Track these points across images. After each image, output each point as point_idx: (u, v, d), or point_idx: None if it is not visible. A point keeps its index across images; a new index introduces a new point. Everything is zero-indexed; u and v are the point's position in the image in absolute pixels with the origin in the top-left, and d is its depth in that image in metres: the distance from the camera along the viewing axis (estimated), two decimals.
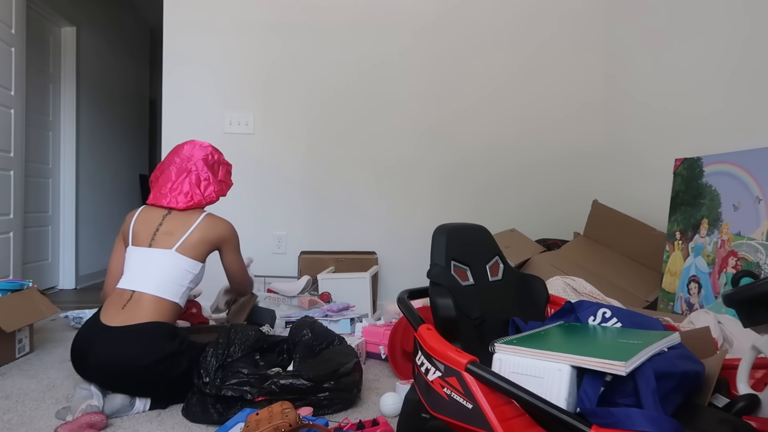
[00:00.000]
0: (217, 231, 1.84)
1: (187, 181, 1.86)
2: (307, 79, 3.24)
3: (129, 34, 5.28)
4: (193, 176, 1.87)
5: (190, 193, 1.85)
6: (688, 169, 2.30)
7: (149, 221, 1.80)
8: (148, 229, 1.79)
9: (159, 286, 1.69)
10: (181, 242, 1.76)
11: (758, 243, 1.90)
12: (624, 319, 1.24)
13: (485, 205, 3.31)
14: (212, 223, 1.84)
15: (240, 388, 1.54)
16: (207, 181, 1.89)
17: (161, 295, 1.69)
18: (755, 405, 1.02)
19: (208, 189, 1.89)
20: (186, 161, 1.89)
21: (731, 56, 2.29)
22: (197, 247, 1.78)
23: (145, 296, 1.67)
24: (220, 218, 1.88)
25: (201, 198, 1.86)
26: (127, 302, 1.67)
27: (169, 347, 1.61)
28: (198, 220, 1.82)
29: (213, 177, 1.91)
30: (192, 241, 1.77)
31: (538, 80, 3.31)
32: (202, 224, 1.81)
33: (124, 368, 1.56)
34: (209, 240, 1.82)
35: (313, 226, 3.26)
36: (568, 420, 0.84)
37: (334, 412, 1.62)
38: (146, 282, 1.69)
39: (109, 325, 1.62)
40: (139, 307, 1.65)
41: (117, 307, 1.66)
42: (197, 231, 1.79)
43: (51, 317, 2.52)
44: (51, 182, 4.13)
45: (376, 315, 2.84)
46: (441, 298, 1.17)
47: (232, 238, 1.90)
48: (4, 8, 3.07)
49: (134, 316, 1.63)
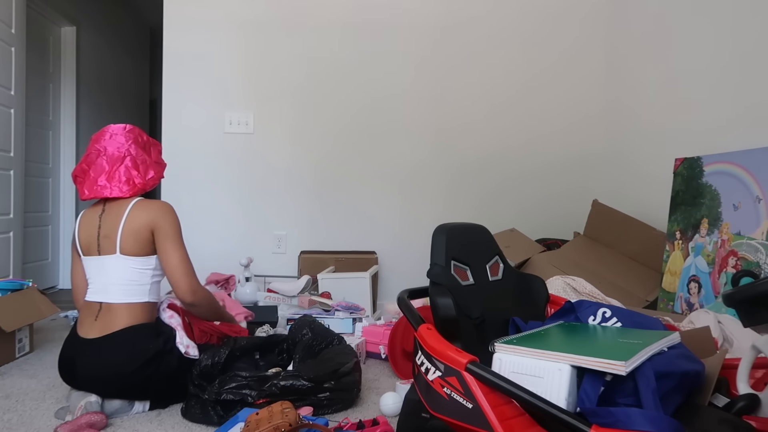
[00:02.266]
0: (145, 215, 1.64)
1: (124, 168, 1.68)
2: (307, 79, 3.23)
3: (129, 34, 5.28)
4: (129, 161, 1.69)
5: (130, 180, 1.68)
6: (688, 169, 2.30)
7: (89, 226, 1.67)
8: (91, 236, 1.66)
9: (122, 292, 1.62)
10: (119, 243, 1.62)
11: (758, 243, 1.90)
12: (624, 319, 1.24)
13: (486, 207, 3.31)
14: (140, 208, 1.66)
15: (240, 392, 1.54)
16: (145, 164, 1.72)
17: (128, 300, 1.62)
18: (755, 405, 1.03)
19: (149, 172, 1.73)
20: (116, 148, 1.70)
21: (731, 56, 2.29)
22: (135, 241, 1.63)
23: (113, 305, 1.61)
24: (151, 201, 1.70)
25: (143, 182, 1.70)
26: (98, 313, 1.62)
27: (152, 348, 1.58)
28: (126, 212, 1.65)
29: (149, 158, 1.74)
30: (126, 237, 1.62)
31: (541, 92, 3.31)
32: (130, 214, 1.64)
33: (112, 378, 1.55)
34: (139, 229, 1.63)
35: (313, 226, 3.26)
36: (568, 420, 0.84)
37: (334, 412, 1.62)
38: (108, 291, 1.63)
39: (87, 337, 1.59)
40: (111, 315, 1.60)
41: (90, 319, 1.62)
42: (127, 224, 1.63)
43: (51, 317, 2.52)
44: (51, 182, 4.13)
45: (376, 315, 2.84)
46: (441, 298, 1.17)
47: (162, 221, 1.65)
48: (4, 8, 3.07)
49: (109, 325, 1.59)
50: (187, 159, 3.18)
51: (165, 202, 1.70)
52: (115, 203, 1.68)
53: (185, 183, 3.18)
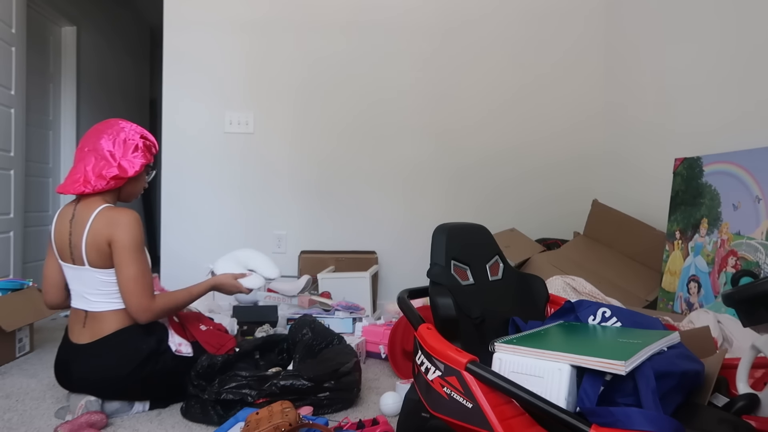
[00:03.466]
0: (103, 227, 1.52)
1: (82, 166, 1.57)
2: (308, 79, 3.23)
3: (129, 34, 5.27)
4: (91, 157, 1.57)
5: (81, 178, 1.55)
6: (687, 169, 2.30)
7: (62, 231, 1.58)
8: (63, 242, 1.58)
9: (103, 301, 1.58)
10: (85, 257, 1.54)
11: (758, 242, 1.90)
12: (624, 319, 1.24)
13: (486, 207, 3.31)
14: (101, 217, 1.53)
15: (239, 391, 1.54)
16: (105, 160, 1.56)
17: (112, 307, 1.58)
18: (755, 404, 1.03)
19: (108, 170, 1.55)
20: (87, 142, 1.60)
21: (730, 56, 2.29)
22: (98, 255, 1.53)
23: (98, 313, 1.58)
24: (115, 209, 1.56)
25: (98, 182, 1.55)
26: (85, 320, 1.59)
27: (145, 348, 1.57)
28: (89, 222, 1.53)
29: (111, 159, 1.57)
30: (89, 250, 1.53)
31: (541, 93, 3.31)
32: (92, 225, 1.52)
33: (107, 381, 1.54)
34: (99, 242, 1.52)
35: (313, 226, 3.26)
36: (567, 419, 0.84)
37: (335, 412, 1.62)
38: (89, 300, 1.58)
39: (79, 343, 1.58)
40: (97, 321, 1.57)
41: (78, 325, 1.60)
42: (89, 235, 1.52)
43: (51, 316, 2.52)
44: (51, 182, 4.13)
45: (376, 314, 2.84)
46: (441, 298, 1.17)
47: (118, 232, 1.51)
48: (5, 8, 3.07)
49: (99, 330, 1.56)
50: (186, 159, 3.18)
51: (128, 212, 1.56)
52: (84, 208, 1.57)
53: (185, 183, 3.18)
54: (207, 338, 1.74)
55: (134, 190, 1.70)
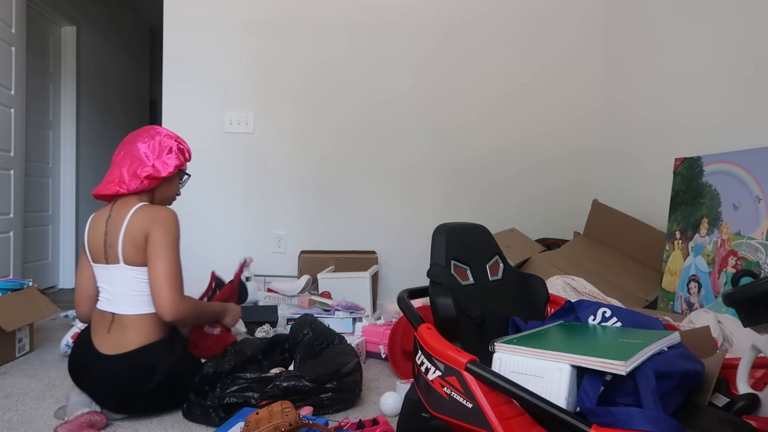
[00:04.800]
0: (141, 221, 1.54)
1: (118, 168, 1.61)
2: (307, 79, 3.23)
3: (129, 34, 5.28)
4: (126, 159, 1.62)
5: (117, 179, 1.60)
6: (688, 169, 2.30)
7: (97, 231, 1.60)
8: (98, 242, 1.59)
9: (132, 302, 1.56)
10: (121, 252, 1.54)
11: (758, 242, 1.90)
12: (624, 319, 1.24)
13: (486, 206, 3.31)
14: (139, 213, 1.56)
15: (243, 394, 1.53)
16: (140, 161, 1.61)
17: (139, 311, 1.56)
18: (755, 404, 1.02)
19: (142, 169, 1.60)
20: (123, 145, 1.65)
21: (730, 55, 2.29)
22: (135, 250, 1.54)
23: (125, 317, 1.55)
24: (152, 206, 1.59)
25: (128, 183, 1.59)
26: (111, 324, 1.56)
27: (166, 365, 1.55)
28: (126, 218, 1.55)
29: (145, 159, 1.62)
30: (126, 245, 1.54)
31: (540, 91, 3.30)
32: (130, 220, 1.55)
33: (128, 395, 1.53)
34: (137, 236, 1.54)
35: (313, 226, 3.26)
36: (568, 419, 0.84)
37: (335, 412, 1.62)
38: (119, 302, 1.57)
39: (102, 352, 1.54)
40: (124, 329, 1.55)
41: (103, 329, 1.57)
42: (127, 231, 1.54)
43: (51, 316, 2.52)
44: (51, 181, 4.13)
45: (376, 314, 2.84)
46: (441, 298, 1.17)
47: (155, 226, 1.53)
48: (4, 8, 3.07)
49: (123, 341, 1.54)
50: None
51: (166, 208, 1.59)
52: (120, 208, 1.59)
53: None
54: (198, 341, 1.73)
55: (168, 194, 1.72)
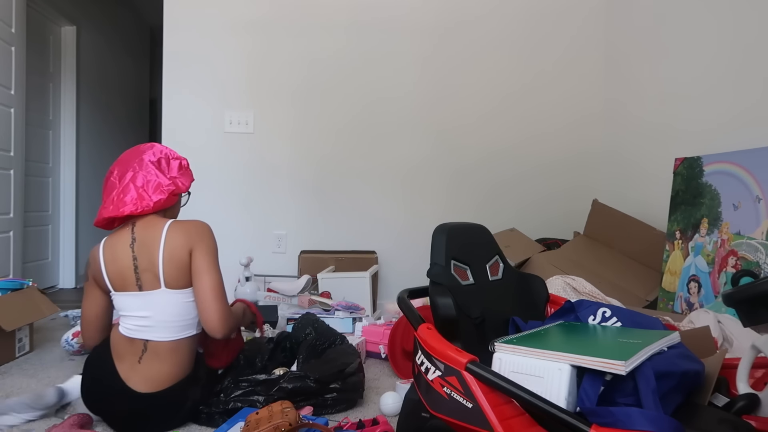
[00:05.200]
0: (182, 238, 1.48)
1: (132, 185, 1.54)
2: (307, 78, 3.23)
3: (129, 34, 5.27)
4: (139, 177, 1.54)
5: (136, 197, 1.52)
6: (688, 169, 2.30)
7: (120, 259, 1.49)
8: (125, 270, 1.48)
9: (169, 328, 1.48)
10: (162, 277, 1.46)
11: (758, 242, 1.90)
12: (624, 319, 1.23)
13: (486, 206, 3.31)
14: (175, 230, 1.49)
15: (248, 398, 1.53)
16: (157, 177, 1.56)
17: (175, 336, 1.48)
18: (755, 404, 1.02)
19: (159, 189, 1.55)
20: (127, 164, 1.57)
21: (730, 55, 2.29)
22: (178, 271, 1.47)
23: (160, 344, 1.47)
24: (187, 221, 1.54)
25: (149, 199, 1.52)
26: (143, 354, 1.47)
27: (194, 397, 1.55)
28: (162, 240, 1.47)
29: (162, 174, 1.57)
30: (168, 268, 1.46)
31: (541, 92, 3.30)
32: (167, 240, 1.47)
33: (153, 427, 1.51)
34: (180, 256, 1.47)
35: (313, 226, 3.26)
36: (568, 419, 0.84)
37: (336, 412, 1.62)
38: (155, 329, 1.47)
39: (133, 387, 1.46)
40: (157, 359, 1.47)
41: (133, 359, 1.47)
42: (166, 252, 1.46)
43: (51, 316, 2.52)
44: (51, 181, 4.13)
45: (376, 314, 2.84)
46: (441, 298, 1.17)
47: (199, 241, 1.49)
48: (4, 7, 3.07)
49: (157, 376, 1.47)
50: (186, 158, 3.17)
51: (200, 222, 1.54)
52: (147, 229, 1.50)
53: None
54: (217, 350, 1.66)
55: (176, 212, 1.67)
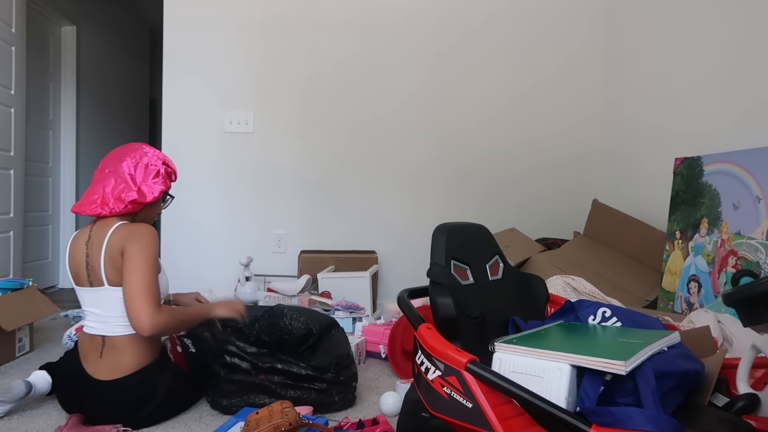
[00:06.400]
0: (118, 239, 1.50)
1: (101, 187, 1.56)
2: (307, 78, 3.23)
3: (129, 34, 5.27)
4: (111, 179, 1.56)
5: (99, 200, 1.54)
6: (688, 169, 2.30)
7: (77, 255, 1.55)
8: (79, 266, 1.54)
9: (122, 325, 1.51)
10: (104, 275, 1.50)
11: (758, 242, 1.90)
12: (624, 319, 1.24)
13: (487, 206, 3.31)
14: (117, 232, 1.51)
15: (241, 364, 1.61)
16: (125, 183, 1.56)
17: (129, 331, 1.50)
18: (755, 404, 1.03)
19: (128, 193, 1.55)
20: (108, 163, 1.59)
21: (730, 56, 2.29)
22: (116, 271, 1.50)
23: (116, 339, 1.51)
24: (131, 224, 1.55)
25: (108, 207, 1.54)
26: (102, 348, 1.52)
27: (162, 387, 1.54)
28: (105, 238, 1.51)
29: (131, 183, 1.56)
30: (107, 267, 1.50)
31: (543, 94, 3.30)
32: (109, 241, 1.50)
33: (127, 420, 1.51)
34: (115, 257, 1.49)
35: (313, 226, 3.26)
36: (568, 419, 0.84)
37: (335, 411, 1.62)
38: (108, 324, 1.52)
39: (96, 377, 1.50)
40: (116, 352, 1.51)
41: (95, 355, 1.53)
42: (107, 253, 1.50)
43: (51, 316, 2.52)
44: (51, 181, 4.13)
45: (376, 314, 2.84)
46: (441, 297, 1.17)
47: (131, 242, 1.48)
48: (4, 7, 3.07)
49: (116, 366, 1.50)
50: (186, 159, 3.18)
51: (144, 225, 1.54)
52: (100, 228, 1.54)
53: (184, 183, 3.18)
54: None
55: (149, 216, 1.68)
